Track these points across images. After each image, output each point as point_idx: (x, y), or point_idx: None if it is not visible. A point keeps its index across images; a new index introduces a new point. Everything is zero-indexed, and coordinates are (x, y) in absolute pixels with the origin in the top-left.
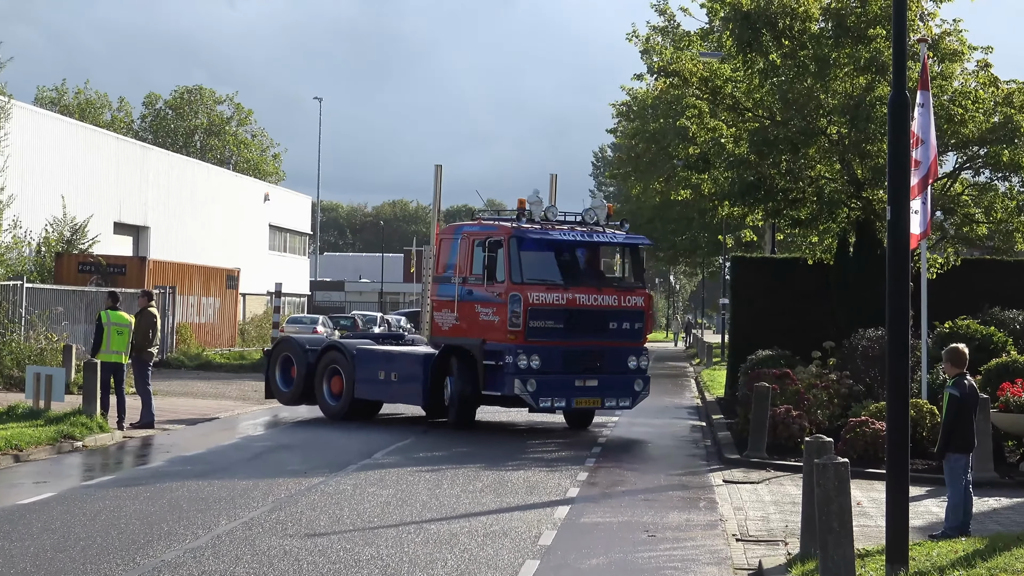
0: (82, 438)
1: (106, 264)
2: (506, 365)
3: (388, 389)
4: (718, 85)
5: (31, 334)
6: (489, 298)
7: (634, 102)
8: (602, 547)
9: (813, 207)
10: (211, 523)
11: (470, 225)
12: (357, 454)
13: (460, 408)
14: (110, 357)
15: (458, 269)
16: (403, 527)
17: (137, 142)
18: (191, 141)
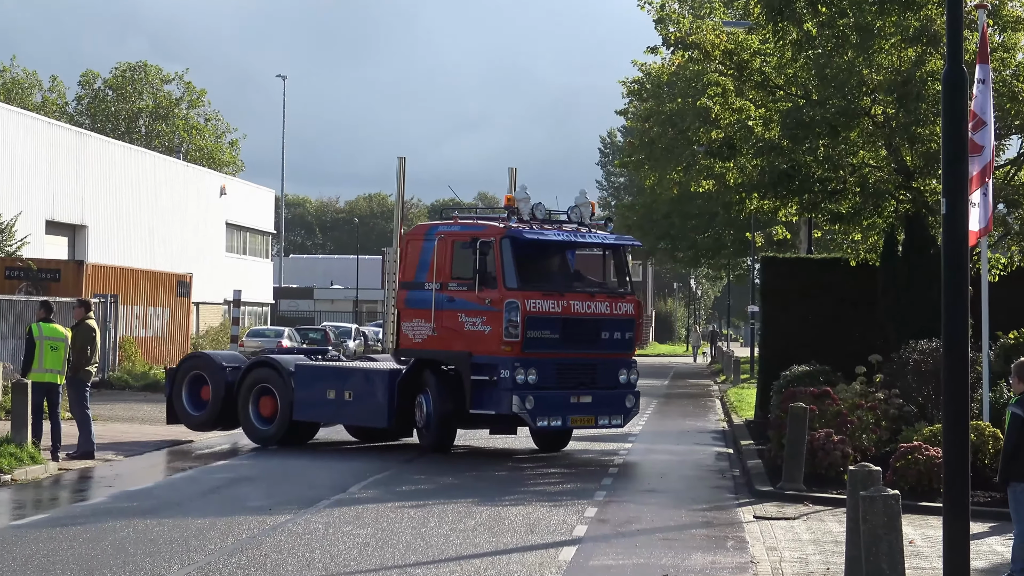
0: (10, 470)
1: (37, 269)
2: (501, 380)
3: (340, 409)
4: (744, 59)
5: None
6: (477, 306)
7: (648, 79)
8: None
9: (855, 200)
10: (161, 569)
11: (446, 225)
12: (329, 488)
13: (440, 429)
14: (43, 377)
15: (434, 274)
16: (384, 572)
17: (72, 127)
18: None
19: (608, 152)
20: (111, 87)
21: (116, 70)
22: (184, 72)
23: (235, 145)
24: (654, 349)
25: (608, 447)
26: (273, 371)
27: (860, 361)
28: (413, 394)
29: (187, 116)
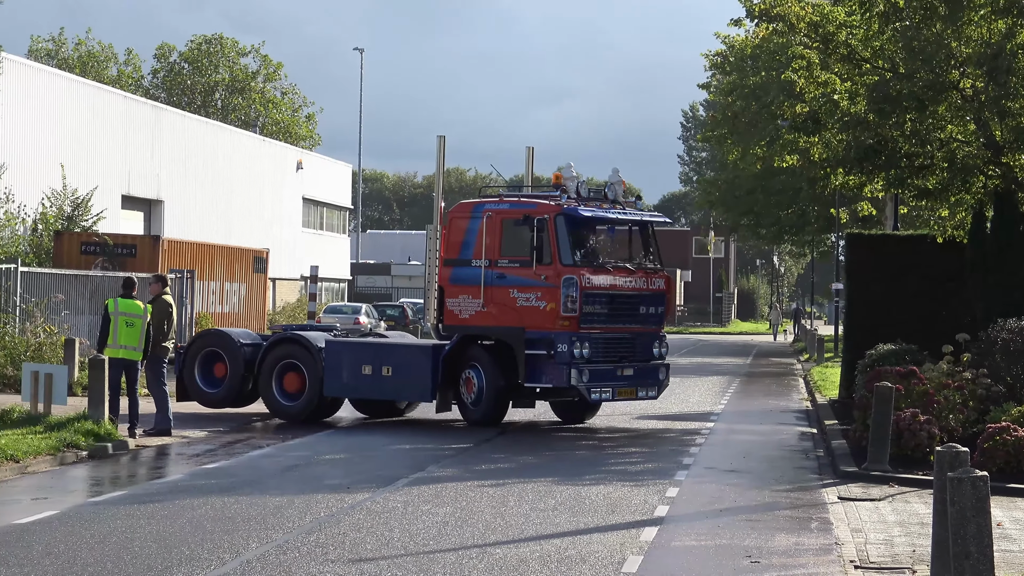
0: (88, 447)
1: (113, 244)
2: (559, 354)
3: (378, 384)
4: (830, 31)
5: (27, 326)
6: (531, 282)
7: (731, 52)
8: (697, 574)
9: (943, 175)
10: (239, 546)
11: (493, 203)
12: (408, 466)
13: (494, 402)
14: (118, 352)
15: (482, 251)
16: (463, 551)
17: (148, 101)
18: (211, 100)
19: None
20: (187, 60)
21: (192, 43)
22: (261, 45)
23: (312, 119)
24: (736, 327)
25: (689, 426)
26: (300, 347)
27: (947, 340)
28: (456, 369)
29: (264, 89)
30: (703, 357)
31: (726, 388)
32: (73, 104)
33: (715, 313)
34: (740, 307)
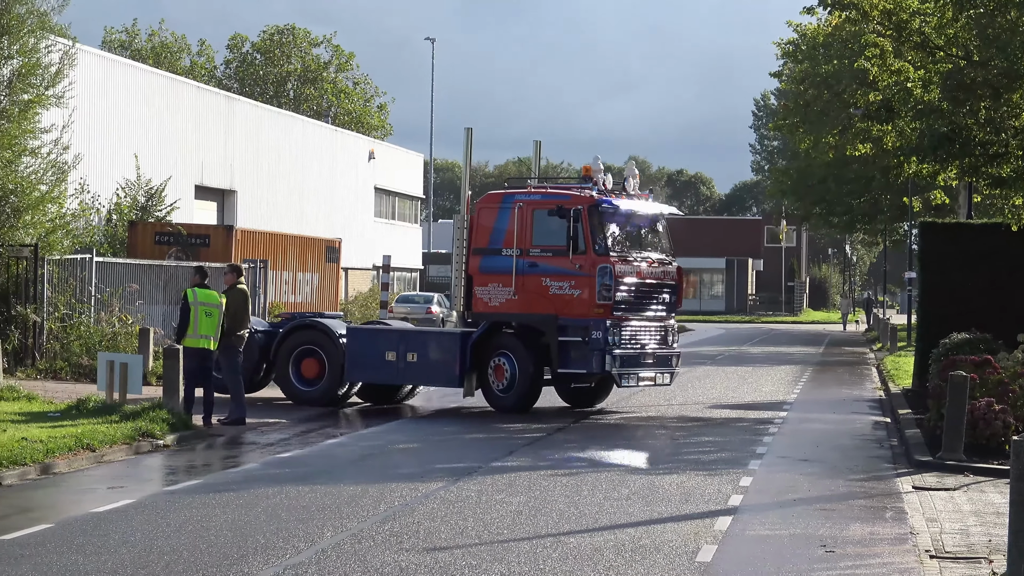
0: (163, 436)
1: (187, 234)
2: (593, 341)
3: (402, 371)
4: (904, 19)
5: (102, 316)
6: (565, 271)
7: (803, 40)
8: (772, 564)
9: (1018, 163)
10: (314, 535)
11: (524, 193)
12: (481, 455)
13: (528, 388)
14: (198, 342)
15: (514, 240)
16: (537, 540)
17: (221, 92)
18: (283, 90)
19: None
20: (259, 51)
21: (264, 33)
22: (332, 35)
23: (384, 109)
24: (808, 316)
25: (762, 415)
26: (319, 333)
27: (1022, 329)
28: (483, 356)
29: (335, 80)
30: (775, 346)
31: (799, 377)
32: (147, 95)
33: (787, 302)
34: (812, 296)
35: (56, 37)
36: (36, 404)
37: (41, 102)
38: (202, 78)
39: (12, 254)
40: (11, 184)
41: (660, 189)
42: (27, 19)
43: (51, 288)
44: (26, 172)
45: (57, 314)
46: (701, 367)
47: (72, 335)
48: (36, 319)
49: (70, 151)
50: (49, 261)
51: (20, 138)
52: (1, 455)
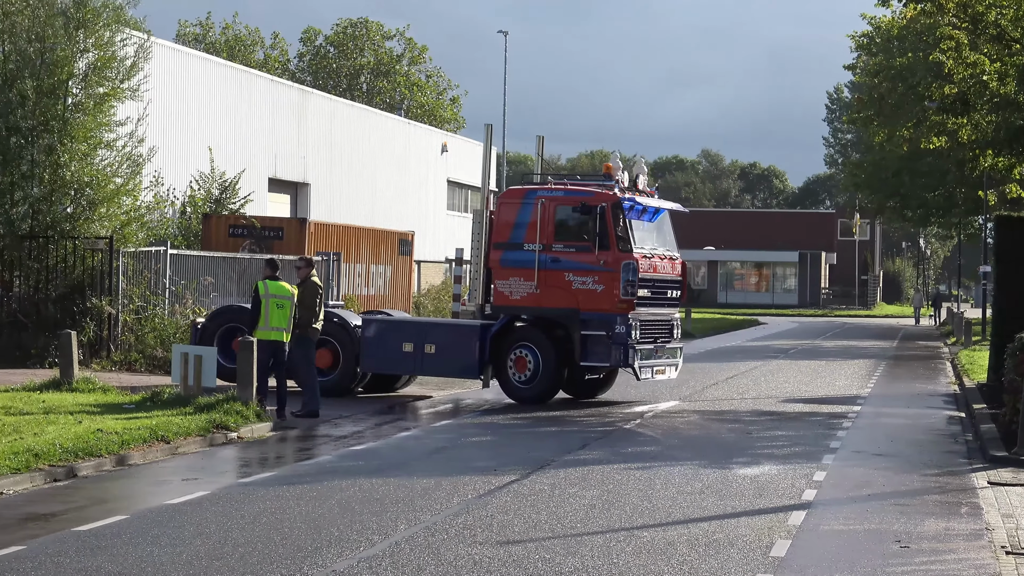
0: (237, 428)
1: (261, 227)
2: (616, 335)
3: (419, 362)
4: (979, 11)
5: (176, 308)
6: (588, 266)
7: (877, 33)
8: (846, 559)
9: None
10: (388, 528)
11: (546, 189)
12: (554, 449)
13: (551, 380)
14: (270, 335)
15: (536, 235)
16: (611, 534)
17: (294, 85)
18: (356, 83)
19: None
20: (333, 44)
21: (338, 27)
22: (406, 28)
23: (456, 102)
24: (881, 310)
25: (836, 409)
26: (334, 324)
27: None
28: (501, 348)
29: (408, 72)
30: (848, 340)
31: (872, 371)
32: (221, 88)
33: (860, 296)
34: (885, 290)
35: (131, 31)
36: (111, 396)
37: (116, 95)
38: (276, 71)
39: (88, 246)
40: (87, 177)
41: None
42: (102, 13)
43: (126, 280)
44: (102, 165)
45: (132, 306)
46: (774, 361)
47: (147, 327)
48: (111, 311)
49: (145, 144)
50: (124, 253)
51: (96, 131)
52: (77, 446)
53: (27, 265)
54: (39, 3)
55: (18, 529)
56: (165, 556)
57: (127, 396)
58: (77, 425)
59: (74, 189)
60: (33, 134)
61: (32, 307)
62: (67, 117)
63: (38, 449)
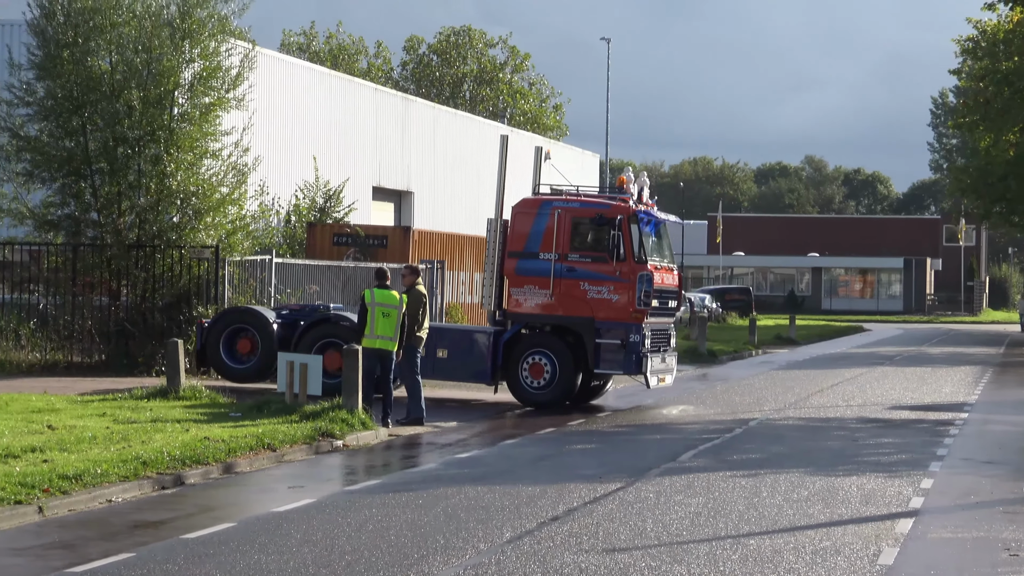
0: (342, 436)
1: (365, 235)
2: (631, 344)
3: (432, 366)
4: None
5: None
6: (603, 276)
7: (983, 37)
8: (954, 567)
9: None
10: (493, 535)
11: (561, 200)
12: (659, 456)
13: (565, 386)
14: (375, 343)
15: (553, 244)
16: (717, 542)
17: (398, 93)
18: (459, 91)
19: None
20: (436, 52)
21: (440, 35)
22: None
23: (559, 109)
24: (988, 316)
25: (943, 416)
26: (344, 328)
27: None
28: (514, 354)
29: (511, 80)
30: (954, 346)
31: (979, 378)
32: (325, 97)
33: (966, 302)
34: (992, 296)
35: (236, 40)
36: (217, 404)
37: (222, 105)
38: (379, 80)
39: (194, 255)
40: (193, 186)
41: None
42: (208, 23)
43: (231, 289)
44: (207, 174)
45: None
46: (879, 367)
47: None
48: None
49: (250, 153)
50: (230, 262)
51: (202, 141)
52: (184, 454)
53: (134, 274)
54: (145, 14)
55: (127, 536)
56: (272, 564)
57: (233, 404)
58: (184, 433)
59: (180, 198)
60: (140, 144)
61: (139, 316)
62: (173, 127)
63: (146, 457)
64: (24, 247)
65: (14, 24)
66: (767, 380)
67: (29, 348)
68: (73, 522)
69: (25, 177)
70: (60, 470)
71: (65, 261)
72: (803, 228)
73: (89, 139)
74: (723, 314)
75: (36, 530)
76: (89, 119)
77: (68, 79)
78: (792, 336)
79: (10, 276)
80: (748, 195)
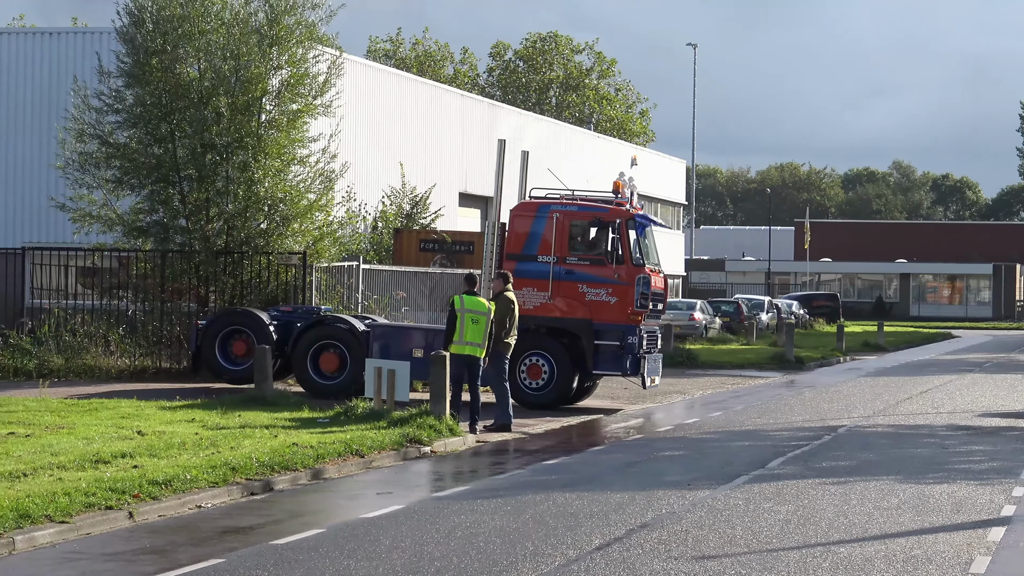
0: (430, 442)
1: (451, 241)
2: (629, 345)
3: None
4: None
5: None
6: (601, 279)
7: None
8: None
9: None
10: (582, 542)
11: (559, 204)
12: (747, 463)
13: (566, 387)
14: (464, 349)
15: (551, 248)
16: (806, 550)
17: (484, 99)
18: (545, 97)
19: None
20: (522, 58)
21: (527, 41)
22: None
23: (645, 115)
24: None
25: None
26: (340, 330)
27: None
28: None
29: (597, 86)
30: None
31: None
32: (411, 103)
33: None
34: None
35: (323, 47)
36: (305, 410)
37: (309, 111)
38: (465, 86)
39: (282, 262)
40: (280, 193)
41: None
42: (295, 30)
43: (319, 295)
44: (295, 181)
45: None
46: (969, 374)
47: None
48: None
49: (337, 160)
50: (317, 268)
51: (289, 147)
52: (273, 460)
53: (222, 280)
54: (234, 21)
55: (217, 542)
56: (362, 570)
57: (321, 410)
58: (273, 439)
59: (268, 205)
60: (228, 151)
61: None
62: (261, 134)
63: (235, 463)
64: (113, 253)
65: (103, 32)
66: (855, 387)
67: (118, 354)
68: (163, 527)
69: (114, 184)
70: (150, 476)
71: (154, 267)
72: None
73: (178, 146)
74: (810, 320)
75: (126, 535)
76: (178, 126)
77: (157, 86)
78: (880, 343)
79: (99, 282)
80: (835, 201)
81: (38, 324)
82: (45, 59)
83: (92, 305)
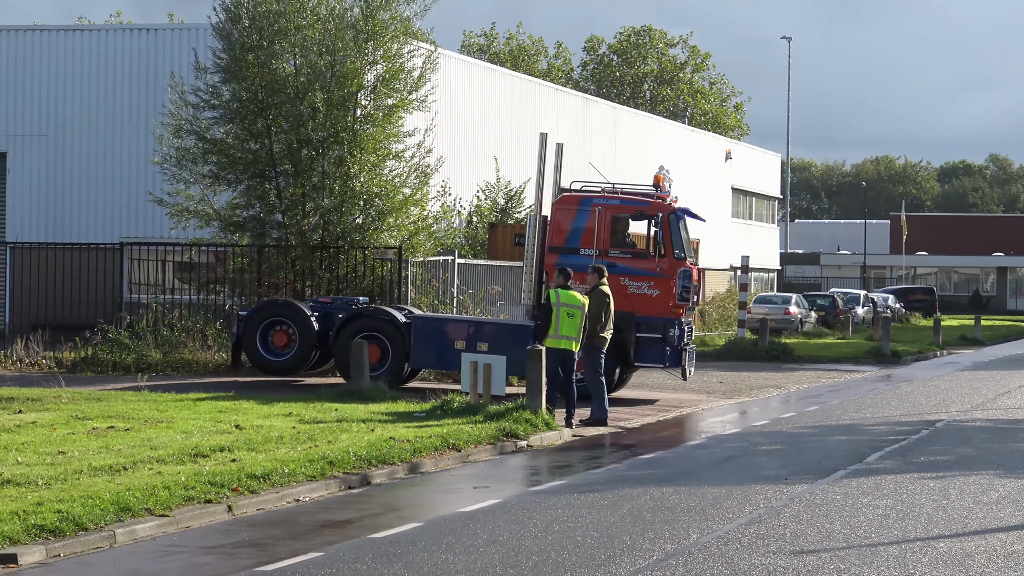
0: (526, 437)
1: None
2: (670, 337)
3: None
4: None
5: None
6: (644, 272)
7: None
8: None
9: None
10: (679, 536)
11: (601, 197)
12: (845, 457)
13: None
14: (559, 343)
15: (594, 241)
16: (906, 544)
17: (578, 93)
18: (639, 91)
19: None
20: (616, 52)
21: (621, 35)
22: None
23: (740, 108)
24: None
25: None
26: (383, 321)
27: None
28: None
29: (692, 80)
30: None
31: None
32: (505, 98)
33: None
34: None
35: (418, 42)
36: (402, 404)
37: (404, 106)
38: (559, 80)
39: (377, 256)
40: (376, 187)
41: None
42: (390, 25)
43: (414, 289)
44: (390, 176)
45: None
46: None
47: None
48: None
49: (432, 154)
50: (412, 263)
51: (384, 142)
52: (370, 454)
53: (318, 275)
54: (329, 16)
55: (316, 535)
56: (460, 564)
57: (417, 404)
58: (370, 433)
59: (363, 200)
60: (324, 146)
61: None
62: (356, 129)
63: (332, 457)
64: (210, 248)
65: (200, 28)
66: (953, 381)
67: (215, 348)
68: (261, 521)
69: (211, 179)
70: (248, 470)
71: (250, 262)
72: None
73: (274, 141)
74: (906, 314)
75: (225, 529)
76: (274, 121)
77: (253, 82)
78: (977, 336)
79: (196, 277)
80: (931, 194)
81: (136, 319)
82: (142, 55)
83: (189, 300)
